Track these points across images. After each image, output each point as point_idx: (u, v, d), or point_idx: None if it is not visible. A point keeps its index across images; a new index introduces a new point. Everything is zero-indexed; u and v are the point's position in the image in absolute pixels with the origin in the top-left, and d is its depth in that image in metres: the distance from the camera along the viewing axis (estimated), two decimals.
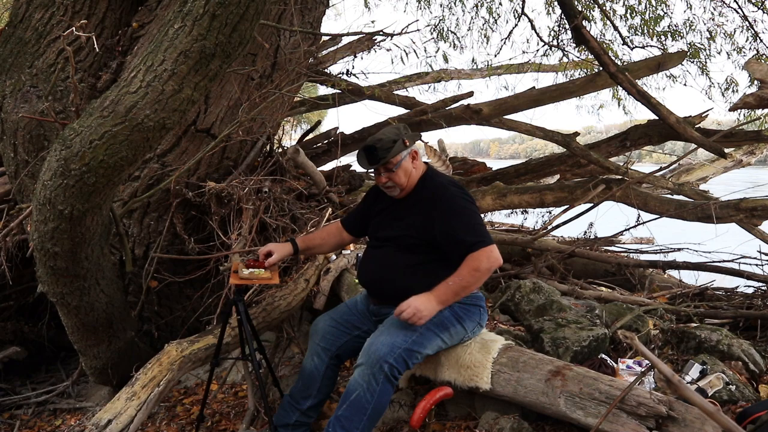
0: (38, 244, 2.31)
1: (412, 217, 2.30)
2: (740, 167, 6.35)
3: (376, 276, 2.38)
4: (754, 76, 3.11)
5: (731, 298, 3.82)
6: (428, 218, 2.24)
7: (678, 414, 1.92)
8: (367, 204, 2.55)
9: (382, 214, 2.44)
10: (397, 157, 2.28)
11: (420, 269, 2.28)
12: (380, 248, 2.39)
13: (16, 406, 3.36)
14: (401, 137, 2.30)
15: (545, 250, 4.51)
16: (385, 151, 2.26)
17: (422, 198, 2.31)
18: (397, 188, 2.32)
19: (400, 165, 2.29)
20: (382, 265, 2.35)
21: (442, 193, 2.27)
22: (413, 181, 2.35)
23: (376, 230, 2.45)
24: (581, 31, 4.43)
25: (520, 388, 2.22)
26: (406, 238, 2.29)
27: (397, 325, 2.19)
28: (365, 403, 2.09)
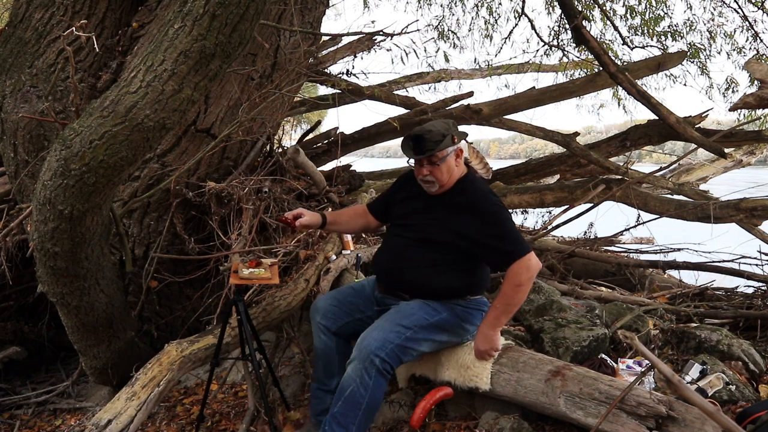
0: (38, 244, 2.31)
1: (442, 215, 2.26)
2: (740, 167, 6.35)
3: (389, 265, 2.36)
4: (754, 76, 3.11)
5: (731, 298, 3.82)
6: (459, 222, 2.21)
7: (678, 414, 1.92)
8: (395, 189, 2.51)
9: (409, 202, 2.39)
10: (443, 152, 2.22)
11: (434, 267, 2.26)
12: (399, 237, 2.37)
13: (16, 406, 3.36)
14: (451, 132, 2.24)
15: (545, 250, 4.50)
16: (433, 143, 2.20)
17: (458, 200, 2.26)
18: (437, 184, 2.26)
19: (445, 160, 2.23)
20: (398, 255, 2.33)
21: (483, 202, 2.23)
22: (452, 180, 2.29)
23: (400, 218, 2.41)
24: (581, 31, 4.43)
25: (520, 388, 2.22)
26: (429, 233, 2.26)
27: (392, 321, 2.19)
28: (359, 398, 2.08)
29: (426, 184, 2.28)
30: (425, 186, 2.29)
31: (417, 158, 2.23)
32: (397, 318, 2.19)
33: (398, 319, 2.19)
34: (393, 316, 2.21)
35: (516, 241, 2.17)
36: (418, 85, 7.62)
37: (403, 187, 2.46)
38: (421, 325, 2.20)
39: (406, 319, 2.20)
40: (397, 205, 2.45)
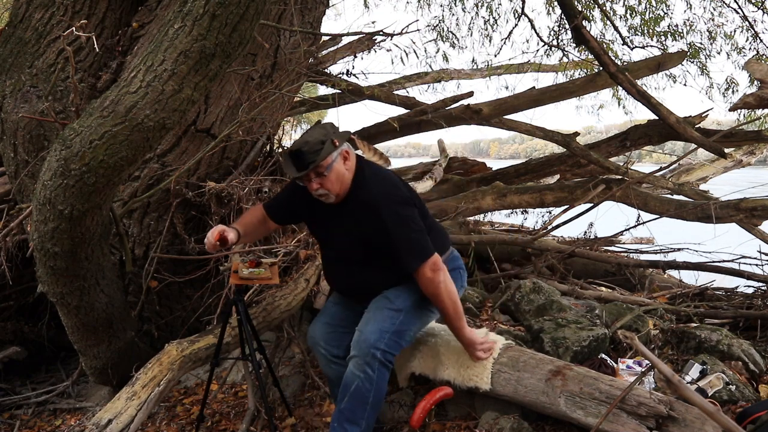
0: (38, 244, 2.31)
1: (352, 228, 2.18)
2: (740, 167, 6.35)
3: (354, 287, 2.32)
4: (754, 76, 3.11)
5: (731, 298, 3.82)
6: (368, 231, 2.13)
7: (678, 414, 1.92)
8: (295, 197, 2.32)
9: (317, 213, 2.28)
10: (327, 160, 2.07)
11: (393, 266, 2.19)
12: (336, 257, 2.32)
13: (16, 406, 3.36)
14: (329, 137, 2.09)
15: (545, 250, 4.51)
16: (313, 155, 2.05)
17: (358, 207, 2.16)
18: (331, 195, 2.13)
19: (332, 168, 2.08)
20: (356, 278, 2.28)
21: (380, 206, 2.10)
22: (347, 185, 2.15)
23: (321, 233, 2.36)
24: (581, 31, 4.43)
25: (520, 387, 2.22)
26: (355, 250, 2.20)
27: (381, 309, 2.19)
28: (365, 392, 2.09)
29: (322, 198, 2.16)
30: (322, 200, 2.17)
31: (301, 174, 2.08)
32: (386, 304, 2.19)
33: (387, 304, 2.19)
34: (382, 303, 2.20)
35: (412, 249, 2.11)
36: (418, 85, 7.62)
37: (304, 197, 2.27)
38: (410, 304, 2.21)
39: (394, 302, 2.20)
40: (312, 218, 2.34)
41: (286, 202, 2.39)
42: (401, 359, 2.57)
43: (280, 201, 2.43)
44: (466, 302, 3.42)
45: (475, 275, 4.28)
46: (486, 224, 6.00)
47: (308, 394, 2.88)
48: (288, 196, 2.39)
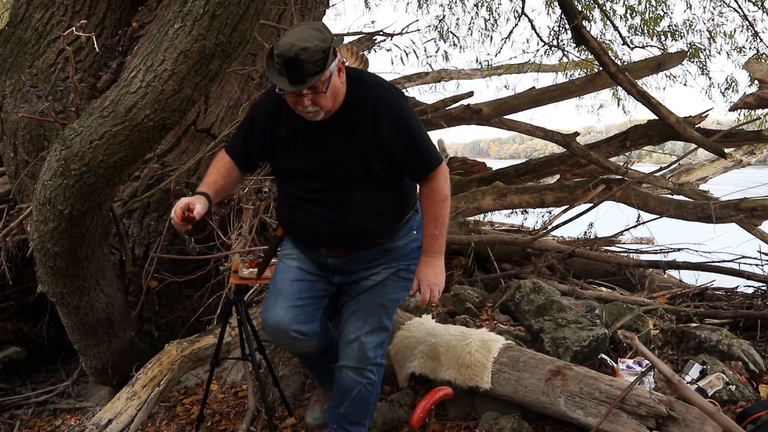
0: (38, 244, 2.31)
1: (348, 142, 1.80)
2: (740, 167, 6.35)
3: (335, 227, 1.87)
4: (754, 76, 3.11)
5: (731, 298, 3.82)
6: (371, 141, 1.78)
7: (678, 414, 1.92)
8: (259, 126, 1.90)
9: (300, 139, 1.84)
10: (326, 73, 1.65)
11: (388, 199, 1.90)
12: (326, 195, 1.86)
13: (16, 406, 3.36)
14: (329, 45, 1.66)
15: (545, 250, 4.50)
16: (314, 66, 1.62)
17: (359, 112, 1.78)
18: (322, 112, 1.74)
19: (330, 83, 1.68)
20: (340, 212, 1.86)
21: (389, 105, 1.79)
22: (341, 99, 1.78)
23: (299, 164, 1.86)
24: (581, 31, 4.43)
25: (520, 387, 2.22)
26: (354, 171, 1.82)
27: (372, 310, 1.99)
28: (368, 396, 2.07)
29: (308, 115, 1.74)
30: (308, 117, 1.75)
31: (296, 90, 1.65)
32: (373, 309, 1.99)
33: (375, 309, 1.99)
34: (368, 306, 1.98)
35: (431, 147, 1.86)
36: (418, 85, 7.62)
37: (272, 115, 1.86)
38: (397, 297, 2.05)
39: (383, 299, 2.00)
40: (276, 140, 1.87)
41: (252, 138, 1.93)
42: (401, 359, 2.57)
43: (244, 139, 1.96)
44: (466, 302, 3.42)
45: (475, 275, 4.27)
46: (486, 224, 6.00)
47: (308, 394, 2.88)
48: (251, 130, 1.93)
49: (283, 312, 1.99)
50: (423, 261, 1.95)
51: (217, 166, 1.97)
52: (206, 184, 1.92)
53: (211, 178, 1.94)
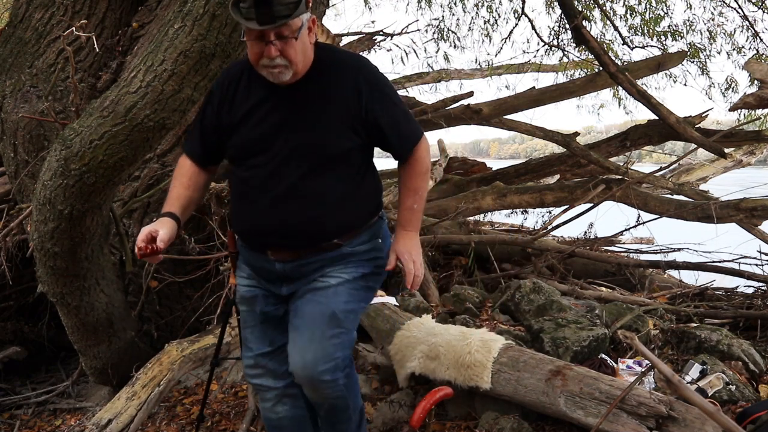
0: (38, 244, 2.31)
1: (319, 104, 1.59)
2: (740, 167, 6.35)
3: (295, 222, 1.62)
4: (754, 76, 3.11)
5: (731, 298, 3.82)
6: (362, 104, 1.59)
7: (678, 414, 1.92)
8: (213, 107, 1.68)
9: (264, 108, 1.61)
10: (297, 20, 1.49)
11: (356, 184, 1.67)
12: (281, 176, 1.60)
13: (16, 406, 3.36)
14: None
15: (545, 250, 4.51)
16: (285, 7, 1.46)
17: (338, 80, 1.60)
18: (290, 69, 1.52)
19: (300, 34, 1.51)
20: (304, 203, 1.61)
21: (373, 73, 1.63)
22: (309, 61, 1.59)
23: (257, 141, 1.62)
24: (581, 31, 4.43)
25: (520, 387, 2.22)
26: (333, 145, 1.59)
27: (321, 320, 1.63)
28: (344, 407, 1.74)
29: (274, 70, 1.52)
30: (274, 74, 1.53)
31: (264, 28, 1.46)
32: (323, 319, 1.63)
33: (326, 320, 1.63)
34: (314, 316, 1.64)
35: (413, 119, 1.73)
36: (418, 85, 7.62)
37: (228, 90, 1.65)
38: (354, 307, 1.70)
39: (336, 306, 1.65)
40: (232, 121, 1.64)
41: (206, 124, 1.70)
42: (401, 359, 2.57)
43: (199, 130, 1.73)
44: (466, 302, 3.42)
45: (475, 275, 4.28)
46: (486, 224, 6.00)
47: None
48: (204, 116, 1.71)
49: (254, 355, 1.78)
50: (400, 234, 1.72)
51: (178, 178, 1.75)
52: (170, 202, 1.71)
53: (174, 193, 1.73)
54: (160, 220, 1.66)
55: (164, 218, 1.67)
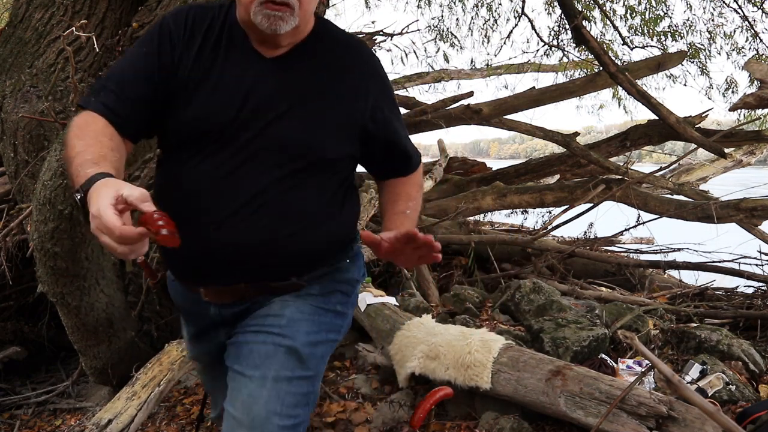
0: (38, 244, 2.31)
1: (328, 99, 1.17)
2: (740, 167, 6.35)
3: (252, 239, 1.13)
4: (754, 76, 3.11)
5: (731, 298, 3.82)
6: (368, 100, 1.20)
7: (678, 414, 1.92)
8: (169, 52, 1.16)
9: (226, 79, 1.15)
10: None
11: (339, 202, 1.24)
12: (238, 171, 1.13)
13: (16, 406, 3.36)
14: None
15: (545, 250, 4.51)
16: None
17: (331, 62, 1.19)
18: (295, 17, 1.11)
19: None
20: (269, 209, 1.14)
21: (376, 65, 1.24)
22: (310, 23, 1.20)
23: (215, 121, 1.13)
24: (581, 31, 4.43)
25: (520, 387, 2.22)
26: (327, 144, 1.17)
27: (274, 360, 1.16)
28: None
29: (276, 12, 1.10)
30: (269, 19, 1.10)
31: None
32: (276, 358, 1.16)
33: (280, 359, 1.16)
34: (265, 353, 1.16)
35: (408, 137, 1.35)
36: (418, 85, 7.62)
37: (187, 41, 1.16)
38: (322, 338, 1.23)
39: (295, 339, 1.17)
40: (190, 79, 1.15)
41: (147, 80, 1.15)
42: (401, 359, 2.57)
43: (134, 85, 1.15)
44: (466, 302, 3.42)
45: (475, 275, 4.28)
46: (486, 224, 6.01)
47: None
48: (143, 67, 1.15)
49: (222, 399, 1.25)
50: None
51: (93, 136, 1.07)
52: (97, 161, 1.01)
53: (95, 152, 1.03)
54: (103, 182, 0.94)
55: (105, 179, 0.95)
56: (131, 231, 0.87)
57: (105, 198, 0.89)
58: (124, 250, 0.89)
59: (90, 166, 0.98)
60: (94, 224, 0.89)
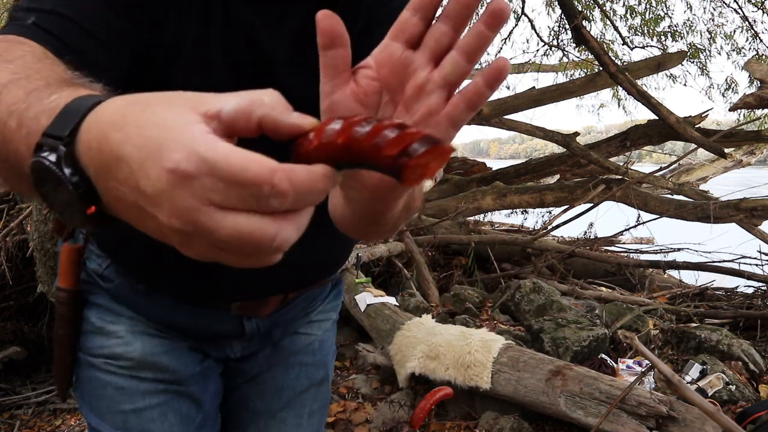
0: (38, 244, 2.31)
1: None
2: (740, 167, 6.35)
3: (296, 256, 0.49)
4: (754, 76, 3.11)
5: (731, 298, 3.82)
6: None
7: (678, 414, 1.92)
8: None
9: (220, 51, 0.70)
10: None
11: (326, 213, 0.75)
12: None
13: (16, 406, 3.36)
14: None
15: (545, 250, 4.51)
16: None
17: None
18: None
19: None
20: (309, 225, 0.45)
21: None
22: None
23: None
24: (581, 31, 4.43)
25: (520, 387, 2.22)
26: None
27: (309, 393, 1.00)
28: None
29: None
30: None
31: None
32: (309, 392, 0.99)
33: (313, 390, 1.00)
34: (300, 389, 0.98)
35: None
36: None
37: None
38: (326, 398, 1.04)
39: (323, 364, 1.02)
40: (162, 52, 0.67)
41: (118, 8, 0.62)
42: (401, 359, 2.57)
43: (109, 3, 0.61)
44: (466, 302, 3.42)
45: (475, 275, 4.28)
46: (486, 224, 6.01)
47: None
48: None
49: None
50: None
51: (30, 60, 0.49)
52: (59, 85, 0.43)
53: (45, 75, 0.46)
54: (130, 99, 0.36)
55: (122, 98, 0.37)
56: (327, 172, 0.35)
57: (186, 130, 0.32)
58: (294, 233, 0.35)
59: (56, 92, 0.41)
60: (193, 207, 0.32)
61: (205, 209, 0.31)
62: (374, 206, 0.52)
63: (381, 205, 0.52)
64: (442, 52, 0.46)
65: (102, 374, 0.86)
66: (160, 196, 0.31)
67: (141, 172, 0.31)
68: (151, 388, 0.86)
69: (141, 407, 0.86)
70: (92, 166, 0.35)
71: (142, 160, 0.31)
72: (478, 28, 0.45)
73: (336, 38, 0.43)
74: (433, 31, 0.46)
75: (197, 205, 0.31)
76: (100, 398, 0.87)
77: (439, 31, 0.46)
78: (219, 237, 0.32)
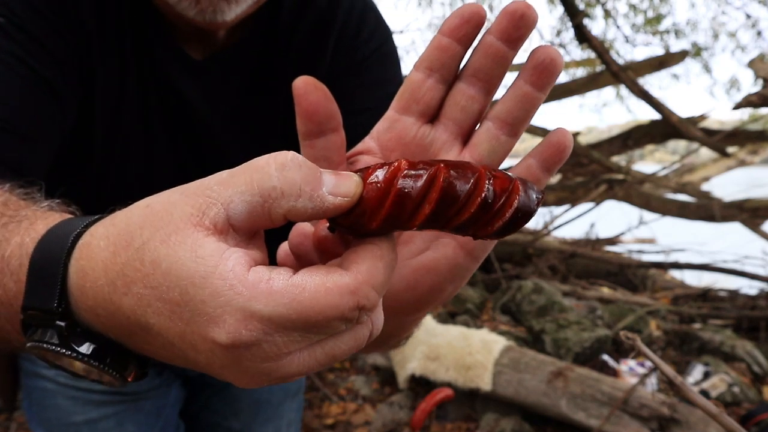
0: None
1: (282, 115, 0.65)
2: (744, 166, 6.33)
3: None
4: (758, 75, 3.09)
5: (734, 298, 3.80)
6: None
7: (681, 416, 1.90)
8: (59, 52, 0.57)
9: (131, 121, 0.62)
10: None
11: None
12: None
13: (13, 408, 3.36)
14: None
15: (546, 251, 4.49)
16: None
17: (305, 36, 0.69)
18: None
19: None
20: None
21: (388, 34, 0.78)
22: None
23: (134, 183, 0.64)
24: (583, 29, 4.41)
25: (521, 389, 2.20)
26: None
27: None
28: None
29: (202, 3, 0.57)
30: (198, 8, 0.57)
31: None
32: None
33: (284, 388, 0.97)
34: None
35: None
36: None
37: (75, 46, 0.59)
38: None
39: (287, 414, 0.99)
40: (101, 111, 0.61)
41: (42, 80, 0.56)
42: (402, 360, 2.56)
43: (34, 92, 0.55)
44: (467, 303, 3.41)
45: (475, 275, 4.26)
46: None
47: (307, 395, 2.87)
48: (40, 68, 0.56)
49: None
50: None
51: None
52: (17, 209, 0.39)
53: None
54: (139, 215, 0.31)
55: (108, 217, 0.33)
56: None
57: (217, 279, 0.26)
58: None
59: (23, 219, 0.36)
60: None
61: (286, 362, 0.26)
62: (388, 330, 0.40)
63: (395, 330, 0.46)
64: (471, 124, 0.36)
65: (50, 384, 0.78)
66: (223, 369, 0.26)
67: (184, 344, 0.26)
68: (106, 398, 0.79)
69: (95, 417, 0.78)
70: (111, 333, 0.29)
71: (182, 333, 0.25)
72: (521, 89, 0.34)
73: (325, 121, 0.33)
74: (457, 97, 0.35)
75: (274, 366, 0.26)
76: (49, 409, 0.79)
77: (465, 96, 0.35)
78: (311, 371, 0.27)
